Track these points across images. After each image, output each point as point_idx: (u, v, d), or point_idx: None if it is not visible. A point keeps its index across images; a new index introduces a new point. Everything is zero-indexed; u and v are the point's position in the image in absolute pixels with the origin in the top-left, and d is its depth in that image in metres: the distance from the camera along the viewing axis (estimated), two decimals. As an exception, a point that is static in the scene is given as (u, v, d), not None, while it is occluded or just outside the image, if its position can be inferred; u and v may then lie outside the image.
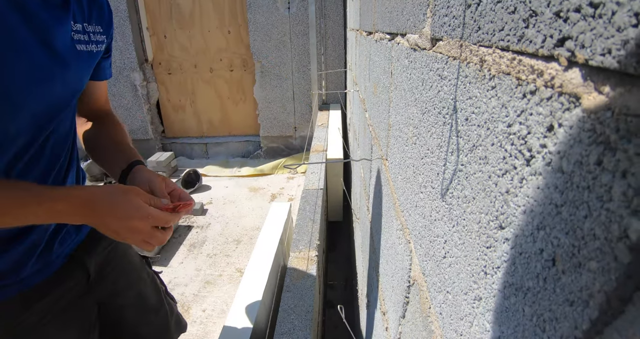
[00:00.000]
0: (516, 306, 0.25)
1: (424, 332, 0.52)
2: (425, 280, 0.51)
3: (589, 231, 0.18)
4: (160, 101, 5.05)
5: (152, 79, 4.94)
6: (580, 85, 0.19)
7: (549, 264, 0.21)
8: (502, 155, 0.27)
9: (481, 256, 0.31)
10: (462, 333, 0.36)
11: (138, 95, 4.89)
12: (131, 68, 4.78)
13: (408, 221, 0.64)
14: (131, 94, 4.90)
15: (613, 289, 0.16)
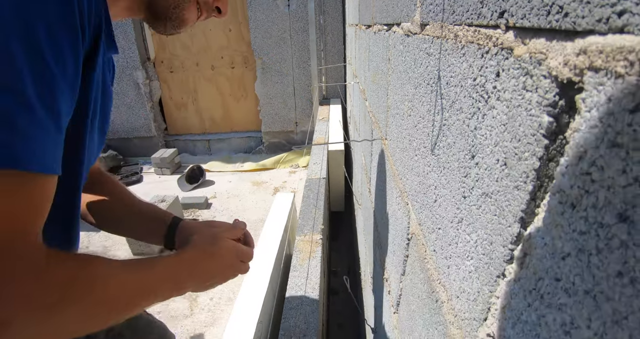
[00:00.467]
0: (484, 208, 0.35)
1: (421, 275, 0.62)
2: (422, 229, 0.61)
3: (523, 135, 0.28)
4: (163, 98, 5.14)
5: (155, 77, 5.03)
6: (513, 41, 0.28)
7: (503, 167, 0.31)
8: (471, 102, 0.37)
9: (460, 185, 0.41)
10: (450, 255, 0.46)
11: (141, 93, 4.98)
12: (134, 67, 4.87)
13: (405, 185, 0.73)
14: (134, 93, 4.99)
15: (537, 168, 0.26)
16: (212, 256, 0.67)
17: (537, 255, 0.26)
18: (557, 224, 0.23)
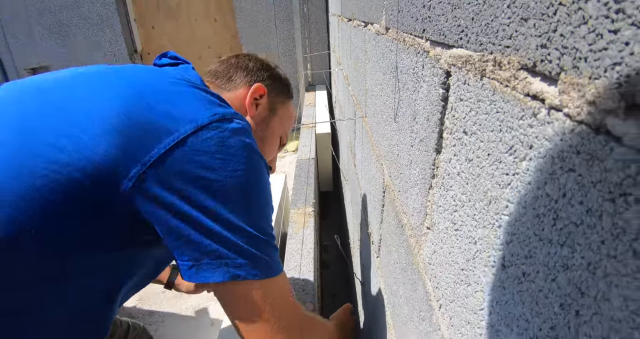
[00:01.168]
0: (420, 148, 0.56)
1: (392, 213, 0.83)
2: (392, 180, 0.82)
3: (433, 101, 0.48)
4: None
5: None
6: (429, 47, 0.49)
7: (427, 122, 0.52)
8: (412, 83, 0.57)
9: (410, 139, 0.62)
10: (407, 189, 0.67)
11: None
12: (122, 59, 4.97)
13: (380, 150, 0.94)
14: (123, 85, 5.09)
15: (440, 119, 0.47)
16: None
17: (445, 171, 0.47)
18: (454, 153, 0.44)
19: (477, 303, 0.37)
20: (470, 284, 0.39)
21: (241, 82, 0.89)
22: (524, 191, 0.28)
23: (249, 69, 0.91)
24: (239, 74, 0.90)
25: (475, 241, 0.37)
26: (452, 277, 0.44)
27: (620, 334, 0.19)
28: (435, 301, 0.52)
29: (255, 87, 0.88)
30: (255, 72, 0.91)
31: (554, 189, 0.24)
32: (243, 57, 0.95)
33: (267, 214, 0.67)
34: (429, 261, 0.55)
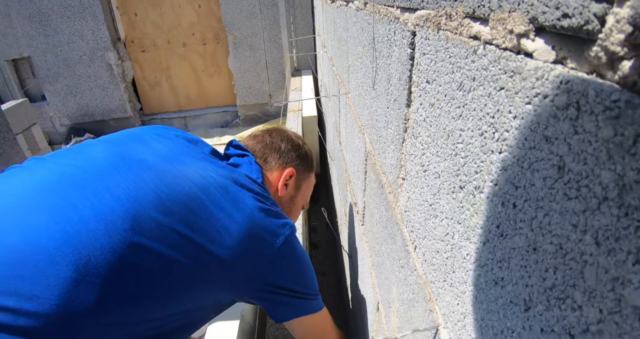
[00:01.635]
0: (394, 107, 0.61)
1: (373, 177, 0.89)
2: (372, 146, 0.88)
3: (404, 61, 0.54)
4: (136, 78, 5.23)
5: (127, 57, 5.11)
6: (399, 14, 0.54)
7: (399, 81, 0.57)
8: (387, 50, 0.63)
9: (385, 102, 0.67)
10: (384, 150, 0.73)
11: (114, 74, 5.07)
12: (105, 48, 4.93)
13: (362, 121, 1.00)
14: (107, 74, 5.07)
15: (409, 76, 0.52)
16: None
17: (414, 121, 0.53)
18: (420, 103, 0.50)
19: (443, 230, 0.43)
20: (437, 215, 0.45)
21: (275, 164, 1.07)
22: (470, 116, 0.33)
23: (281, 151, 1.09)
24: (273, 156, 1.08)
25: (439, 175, 0.43)
26: (423, 215, 0.50)
27: (543, 209, 0.25)
28: (411, 244, 0.58)
29: (287, 172, 1.06)
30: (287, 154, 1.09)
31: (491, 107, 0.30)
32: (276, 136, 1.12)
33: (314, 280, 0.97)
34: (404, 209, 0.61)
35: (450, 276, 0.42)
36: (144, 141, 0.89)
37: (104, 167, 0.77)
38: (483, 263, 0.33)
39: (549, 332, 0.24)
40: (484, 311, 0.34)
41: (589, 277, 0.21)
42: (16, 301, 0.63)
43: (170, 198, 0.76)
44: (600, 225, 0.20)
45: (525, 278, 0.27)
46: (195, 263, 0.75)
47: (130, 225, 0.70)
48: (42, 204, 0.70)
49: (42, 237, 0.66)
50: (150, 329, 0.77)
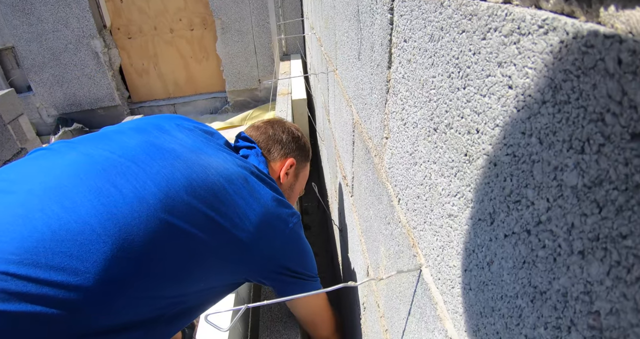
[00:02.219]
0: (377, 73, 0.65)
1: (360, 145, 0.93)
2: (359, 115, 0.92)
3: (384, 27, 0.57)
4: (123, 66, 5.19)
5: (113, 44, 5.06)
6: (379, -21, 0.58)
7: (382, 46, 0.61)
8: (370, 19, 0.66)
9: (370, 70, 0.71)
10: (369, 116, 0.77)
11: (100, 62, 5.02)
12: (90, 35, 4.87)
13: (349, 93, 1.03)
14: (93, 62, 5.02)
15: (389, 40, 0.56)
16: None
17: (394, 80, 0.56)
18: (399, 61, 0.54)
19: (422, 174, 0.47)
20: (416, 162, 0.49)
21: (278, 155, 1.19)
22: (440, 63, 0.37)
23: (283, 142, 1.20)
24: (276, 147, 1.19)
25: (417, 124, 0.47)
26: (405, 165, 0.54)
27: (499, 126, 0.29)
28: (395, 198, 0.62)
29: (289, 162, 1.18)
30: (288, 145, 1.20)
31: (455, 50, 0.34)
32: (277, 128, 1.23)
33: (315, 264, 1.08)
34: (389, 166, 0.65)
35: (430, 216, 0.46)
36: (167, 131, 0.96)
37: (138, 154, 0.83)
38: (455, 192, 0.37)
39: (511, 235, 0.29)
40: (458, 235, 0.38)
41: (537, 173, 0.25)
42: (63, 276, 0.68)
43: (199, 185, 0.83)
44: (542, 125, 0.24)
45: (489, 193, 0.31)
46: (219, 244, 0.83)
47: (166, 207, 0.77)
48: (87, 185, 0.75)
49: (89, 216, 0.72)
50: (176, 305, 0.84)
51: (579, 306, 0.21)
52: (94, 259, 0.70)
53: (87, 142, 0.88)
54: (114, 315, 0.74)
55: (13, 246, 0.67)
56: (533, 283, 0.25)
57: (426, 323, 0.52)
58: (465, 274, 0.36)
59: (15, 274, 0.66)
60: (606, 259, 0.19)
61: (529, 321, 0.26)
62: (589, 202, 0.20)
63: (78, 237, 0.70)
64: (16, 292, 0.65)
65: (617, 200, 0.18)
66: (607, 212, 0.19)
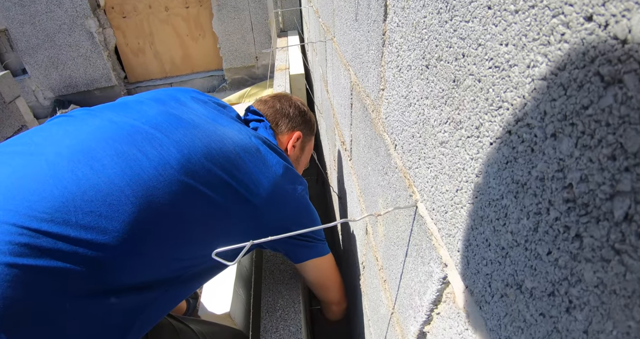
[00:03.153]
0: (373, 35, 0.67)
1: (358, 105, 0.95)
2: (357, 75, 0.94)
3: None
4: (119, 46, 5.15)
5: (107, 24, 5.01)
6: None
7: (379, 11, 0.63)
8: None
9: (367, 26, 0.73)
10: (366, 75, 0.79)
11: (95, 42, 4.98)
12: (84, 15, 4.83)
13: (346, 57, 1.05)
14: (88, 42, 4.98)
15: (385, 5, 0.58)
16: None
17: (389, 30, 0.58)
18: (394, 11, 0.55)
19: (416, 113, 0.50)
20: (411, 103, 0.52)
21: (285, 128, 1.25)
22: (429, 2, 0.39)
23: (290, 116, 1.26)
24: (283, 121, 1.25)
25: (410, 66, 0.49)
26: (400, 110, 0.57)
27: (477, 42, 0.31)
28: (392, 145, 0.65)
29: (296, 135, 1.24)
30: (294, 119, 1.26)
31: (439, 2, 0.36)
32: (285, 103, 1.28)
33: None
34: (385, 116, 0.67)
35: (424, 151, 0.49)
36: (184, 102, 1.01)
37: (160, 122, 0.87)
38: (445, 119, 0.40)
39: (495, 141, 0.31)
40: (449, 160, 0.41)
41: (514, 76, 0.27)
42: (92, 234, 0.72)
43: (217, 152, 0.87)
44: (515, 33, 0.26)
45: (475, 108, 0.34)
46: (235, 208, 0.89)
47: (188, 172, 0.82)
48: (115, 149, 0.79)
49: (117, 178, 0.75)
50: (193, 267, 0.89)
51: (554, 185, 0.24)
52: (122, 219, 0.74)
53: (109, 110, 0.92)
54: (136, 274, 0.78)
55: (44, 205, 0.70)
56: (515, 179, 0.28)
57: (422, 258, 0.55)
58: (457, 194, 0.39)
59: (46, 232, 0.69)
60: (573, 132, 0.22)
61: (514, 216, 0.29)
62: (556, 87, 0.23)
63: (107, 198, 0.74)
64: (47, 249, 0.69)
65: (577, 78, 0.21)
66: (570, 91, 0.22)
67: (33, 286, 0.68)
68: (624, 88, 0.18)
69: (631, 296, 0.19)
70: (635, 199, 0.18)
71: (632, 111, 0.18)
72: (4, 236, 0.68)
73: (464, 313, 0.43)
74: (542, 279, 0.26)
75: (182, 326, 1.06)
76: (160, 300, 0.85)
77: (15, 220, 0.69)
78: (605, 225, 0.20)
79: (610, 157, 0.19)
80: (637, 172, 0.18)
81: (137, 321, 0.81)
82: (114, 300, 0.76)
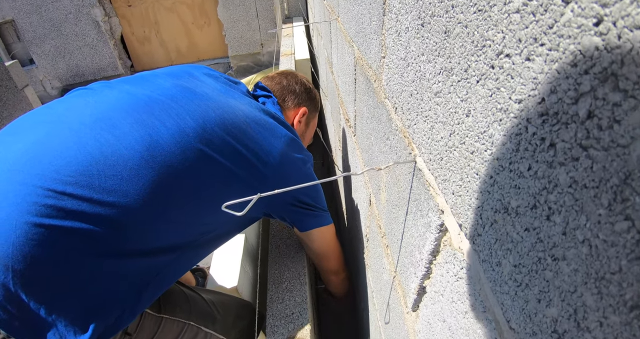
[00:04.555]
0: (373, 7, 0.70)
1: (365, 82, 0.98)
2: (360, 51, 0.96)
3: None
4: (124, 35, 5.18)
5: (113, 13, 5.04)
6: None
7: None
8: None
9: (369, 4, 0.75)
10: (369, 46, 0.81)
11: (101, 31, 5.01)
12: (90, 4, 4.86)
13: (350, 33, 1.08)
14: (95, 32, 5.01)
15: None
16: None
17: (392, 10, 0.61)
18: None
19: (414, 71, 0.53)
20: (409, 63, 0.55)
21: (292, 104, 1.30)
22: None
23: (296, 93, 1.31)
24: (290, 97, 1.30)
25: (408, 28, 0.52)
26: (399, 73, 0.60)
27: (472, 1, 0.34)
28: (393, 109, 0.68)
29: (302, 111, 1.30)
30: (300, 95, 1.31)
31: None
32: (291, 80, 1.33)
33: (324, 199, 1.20)
34: (386, 83, 0.70)
35: (421, 106, 0.52)
36: (197, 77, 1.05)
37: (176, 94, 0.92)
38: (439, 69, 0.43)
39: (480, 78, 0.34)
40: (443, 107, 0.44)
41: (494, 14, 0.30)
42: (114, 197, 0.77)
43: (230, 123, 0.92)
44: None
45: (464, 52, 0.37)
46: (246, 175, 0.93)
47: (202, 140, 0.86)
48: (134, 118, 0.84)
49: (137, 144, 0.80)
50: (206, 233, 0.94)
51: (530, 103, 0.28)
52: (142, 183, 0.79)
53: (126, 83, 0.97)
54: (154, 237, 0.83)
55: (70, 169, 0.75)
56: (499, 107, 0.32)
57: (421, 211, 0.58)
58: (451, 138, 0.42)
59: (71, 194, 0.74)
60: (543, 51, 0.25)
61: (499, 142, 0.33)
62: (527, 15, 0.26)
63: (128, 163, 0.78)
64: (72, 210, 0.74)
65: (543, 3, 0.24)
66: (538, 16, 0.25)
67: (57, 245, 0.73)
68: (578, 2, 0.21)
69: (598, 186, 0.22)
70: (594, 96, 0.21)
71: (587, 19, 0.21)
72: (30, 197, 0.72)
73: (459, 253, 0.46)
74: (525, 194, 0.30)
75: (193, 294, 1.10)
76: (174, 264, 0.90)
77: (41, 183, 0.73)
78: (573, 127, 0.23)
79: (573, 65, 0.22)
80: (593, 72, 0.21)
81: (152, 282, 0.85)
82: (132, 261, 0.81)
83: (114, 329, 0.81)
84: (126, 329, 0.89)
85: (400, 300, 0.80)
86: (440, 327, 0.56)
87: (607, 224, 0.22)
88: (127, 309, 0.82)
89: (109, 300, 0.79)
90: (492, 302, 0.38)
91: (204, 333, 1.05)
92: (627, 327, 0.21)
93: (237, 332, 1.19)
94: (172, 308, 1.00)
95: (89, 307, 0.77)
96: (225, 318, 1.14)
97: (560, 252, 0.26)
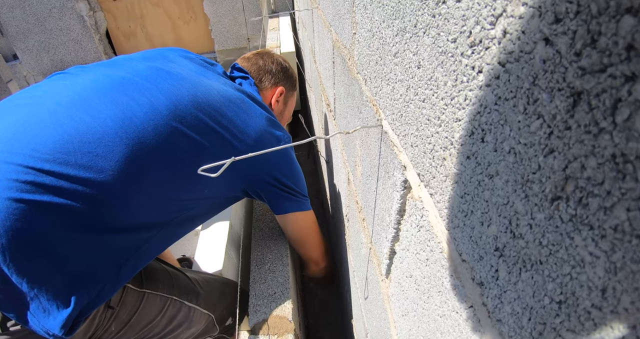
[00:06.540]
0: None
1: (341, 63, 1.02)
2: (337, 33, 1.00)
3: None
4: (110, 29, 5.14)
5: (98, 7, 5.00)
6: None
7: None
8: None
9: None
10: (343, 25, 0.85)
11: (86, 26, 4.97)
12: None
13: (328, 19, 1.12)
14: (79, 26, 4.97)
15: None
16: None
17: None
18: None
19: (377, 40, 0.57)
20: (374, 34, 0.58)
21: (269, 84, 1.32)
22: None
23: (272, 72, 1.33)
24: (267, 77, 1.32)
25: (372, 1, 0.56)
26: (366, 44, 0.64)
27: None
28: (363, 81, 0.72)
29: (279, 91, 1.33)
30: (277, 75, 1.33)
31: None
32: (267, 59, 1.34)
33: (305, 185, 1.23)
34: (357, 57, 0.74)
35: (384, 69, 0.56)
36: (172, 59, 1.08)
37: (150, 75, 0.95)
38: (397, 30, 0.47)
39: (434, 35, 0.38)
40: (402, 67, 0.48)
41: None
42: (90, 173, 0.80)
43: (204, 101, 0.95)
44: None
45: (415, 11, 0.40)
46: (221, 153, 0.96)
47: (175, 117, 0.89)
48: (109, 98, 0.87)
49: (112, 122, 0.83)
50: (183, 211, 0.97)
51: (463, 40, 0.31)
52: (117, 159, 0.82)
53: (103, 66, 1.00)
54: (132, 213, 0.86)
55: (47, 147, 0.78)
56: (440, 50, 0.35)
57: (388, 173, 0.62)
58: (407, 92, 0.46)
59: (49, 171, 0.77)
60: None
61: (441, 81, 0.36)
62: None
63: (103, 139, 0.82)
64: (50, 186, 0.77)
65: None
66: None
67: (37, 219, 0.76)
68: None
69: (515, 95, 0.26)
70: (507, 15, 0.25)
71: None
72: (10, 174, 0.75)
73: (419, 202, 0.50)
74: (464, 123, 0.34)
75: (176, 272, 1.13)
76: (153, 241, 0.93)
77: (20, 161, 0.76)
78: (493, 48, 0.27)
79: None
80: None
81: (132, 257, 0.88)
82: (111, 237, 0.84)
83: (96, 303, 0.83)
84: (109, 303, 0.92)
85: (375, 270, 0.84)
86: (407, 283, 0.60)
87: (525, 127, 0.25)
88: (108, 283, 0.85)
89: (90, 274, 0.82)
90: (447, 240, 0.42)
91: (187, 308, 1.08)
92: (550, 221, 0.24)
93: (224, 309, 1.22)
94: (154, 283, 1.03)
95: (70, 281, 0.80)
96: (209, 294, 1.17)
97: (494, 169, 0.30)
